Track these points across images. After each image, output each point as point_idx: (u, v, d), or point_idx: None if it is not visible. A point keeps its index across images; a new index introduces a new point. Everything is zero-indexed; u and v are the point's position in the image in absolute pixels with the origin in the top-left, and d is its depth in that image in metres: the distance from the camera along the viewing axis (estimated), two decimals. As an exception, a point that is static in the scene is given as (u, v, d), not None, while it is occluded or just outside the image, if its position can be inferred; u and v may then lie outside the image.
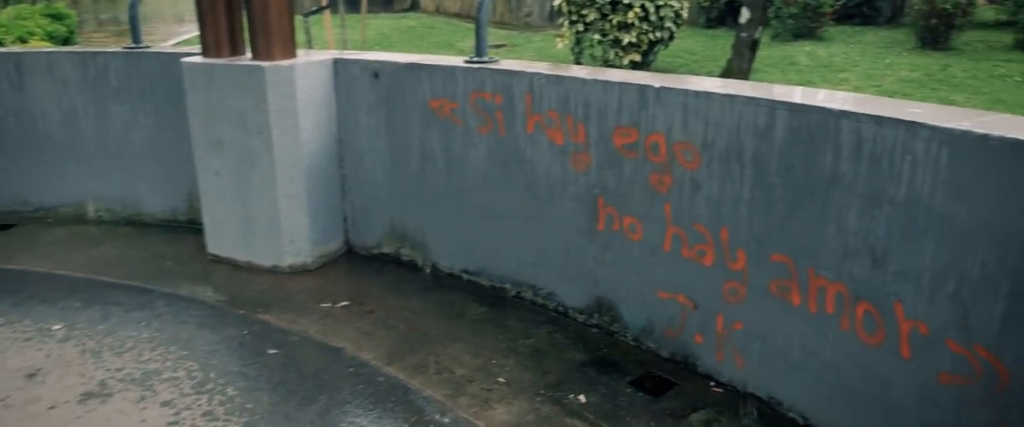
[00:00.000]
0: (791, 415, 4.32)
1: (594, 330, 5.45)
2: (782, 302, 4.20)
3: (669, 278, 4.82)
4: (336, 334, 5.53)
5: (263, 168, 6.36)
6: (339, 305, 6.00)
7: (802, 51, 19.31)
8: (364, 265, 6.80)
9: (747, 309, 4.40)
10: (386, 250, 6.80)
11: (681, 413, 4.48)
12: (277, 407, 4.63)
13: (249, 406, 4.62)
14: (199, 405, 4.63)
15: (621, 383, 4.81)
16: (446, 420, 4.47)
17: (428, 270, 6.54)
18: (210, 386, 4.85)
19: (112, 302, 6.13)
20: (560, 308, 5.67)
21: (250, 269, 6.75)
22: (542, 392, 4.74)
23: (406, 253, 6.66)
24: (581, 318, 5.54)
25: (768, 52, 18.79)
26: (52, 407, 4.64)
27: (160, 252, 7.21)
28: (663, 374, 4.88)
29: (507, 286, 5.99)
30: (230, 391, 4.79)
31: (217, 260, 6.94)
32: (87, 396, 4.74)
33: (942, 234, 3.45)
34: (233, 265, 6.84)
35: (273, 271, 6.66)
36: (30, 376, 4.99)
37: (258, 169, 6.39)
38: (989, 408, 3.38)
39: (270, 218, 6.51)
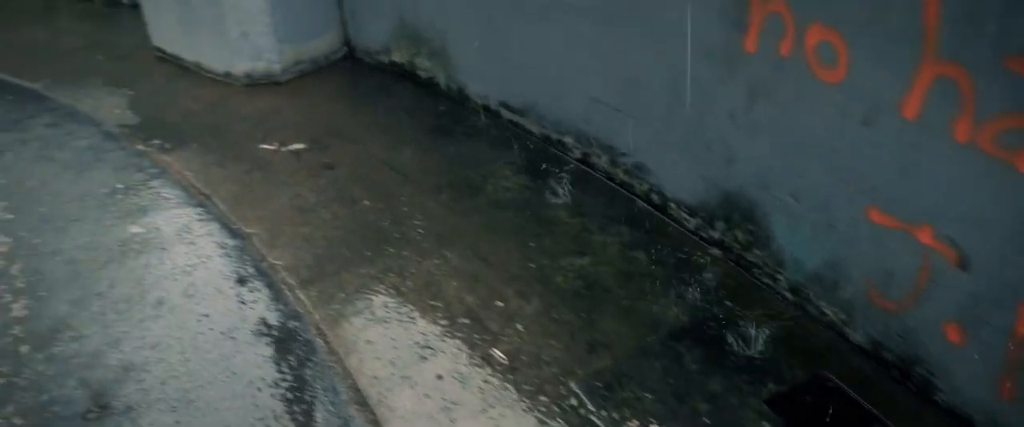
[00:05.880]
0: None
1: (715, 250, 2.76)
2: None
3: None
4: (252, 206, 3.18)
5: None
6: (289, 148, 3.61)
7: None
8: (363, 80, 4.29)
9: None
10: (397, 58, 4.22)
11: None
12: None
13: None
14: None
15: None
16: (349, 453, 2.10)
17: (452, 97, 3.94)
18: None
19: (-19, 115, 4.05)
20: (656, 196, 2.98)
21: (197, 75, 4.43)
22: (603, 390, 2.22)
23: (423, 66, 4.06)
24: (691, 223, 2.84)
25: None
26: None
27: (102, 40, 5.01)
28: None
29: (568, 139, 3.33)
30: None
31: (163, 57, 4.65)
32: None
33: None
34: (179, 66, 4.54)
35: (226, 81, 4.30)
36: None
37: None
38: None
39: (207, -4, 4.03)
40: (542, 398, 2.21)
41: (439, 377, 2.29)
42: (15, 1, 5.72)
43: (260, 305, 2.62)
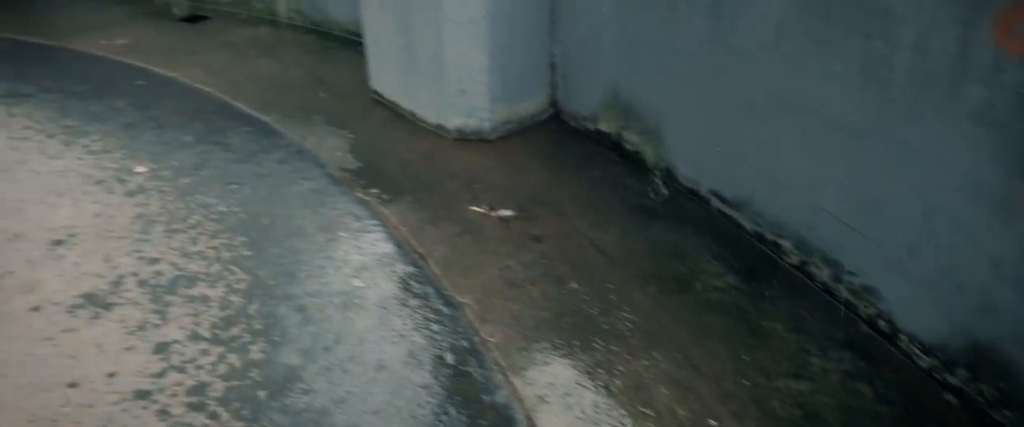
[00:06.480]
0: None
1: (950, 397, 2.57)
2: None
3: None
4: (463, 273, 3.29)
5: (423, -27, 4.04)
6: (498, 214, 3.71)
7: None
8: (567, 145, 4.36)
9: None
10: (603, 127, 4.26)
11: None
12: None
13: None
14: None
15: None
16: None
17: (658, 175, 3.91)
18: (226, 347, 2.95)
19: (223, 143, 4.47)
20: (884, 323, 2.81)
21: (411, 124, 4.66)
22: None
23: (631, 140, 4.07)
24: (924, 361, 2.66)
25: None
26: (35, 309, 3.09)
27: (322, 76, 5.40)
28: None
29: (785, 243, 3.21)
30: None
31: (379, 100, 4.94)
32: (77, 308, 3.11)
33: None
34: (394, 112, 4.80)
35: (438, 132, 4.51)
36: (57, 242, 3.50)
37: (416, -26, 4.09)
38: None
39: (433, 52, 4.24)
40: None
41: (653, 498, 2.26)
42: (248, 33, 6.28)
43: (474, 385, 2.70)
